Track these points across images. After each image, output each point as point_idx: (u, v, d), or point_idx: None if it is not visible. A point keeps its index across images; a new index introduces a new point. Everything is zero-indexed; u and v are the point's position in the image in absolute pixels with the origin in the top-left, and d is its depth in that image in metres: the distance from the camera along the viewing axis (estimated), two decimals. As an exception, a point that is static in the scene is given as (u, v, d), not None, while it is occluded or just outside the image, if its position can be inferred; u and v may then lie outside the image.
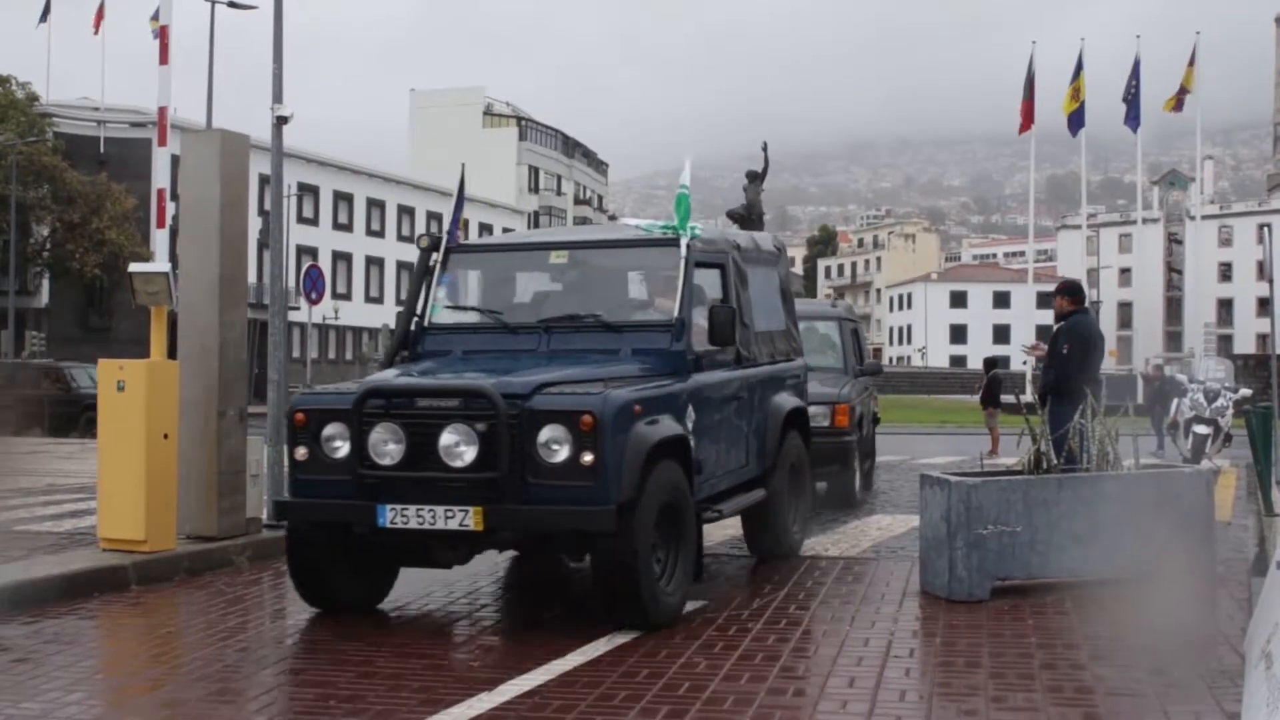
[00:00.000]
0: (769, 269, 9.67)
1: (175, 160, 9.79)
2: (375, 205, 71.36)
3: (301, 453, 6.94)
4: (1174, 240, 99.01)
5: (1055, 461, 8.49)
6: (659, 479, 6.74)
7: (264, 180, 41.13)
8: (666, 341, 7.53)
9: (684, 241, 7.84)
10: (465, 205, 8.77)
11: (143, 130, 50.75)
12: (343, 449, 6.82)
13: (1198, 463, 16.68)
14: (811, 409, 11.68)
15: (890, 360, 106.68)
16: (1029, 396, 18.70)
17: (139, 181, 47.43)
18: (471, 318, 8.28)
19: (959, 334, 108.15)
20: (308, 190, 62.87)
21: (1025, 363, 46.99)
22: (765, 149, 25.81)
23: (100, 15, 46.88)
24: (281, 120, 10.53)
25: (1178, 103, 41.44)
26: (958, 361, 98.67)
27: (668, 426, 6.95)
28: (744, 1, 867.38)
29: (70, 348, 47.96)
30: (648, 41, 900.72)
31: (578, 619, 7.28)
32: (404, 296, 9.03)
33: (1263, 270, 13.12)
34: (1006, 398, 23.52)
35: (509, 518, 6.56)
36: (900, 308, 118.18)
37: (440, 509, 6.56)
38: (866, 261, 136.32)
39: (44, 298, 52.05)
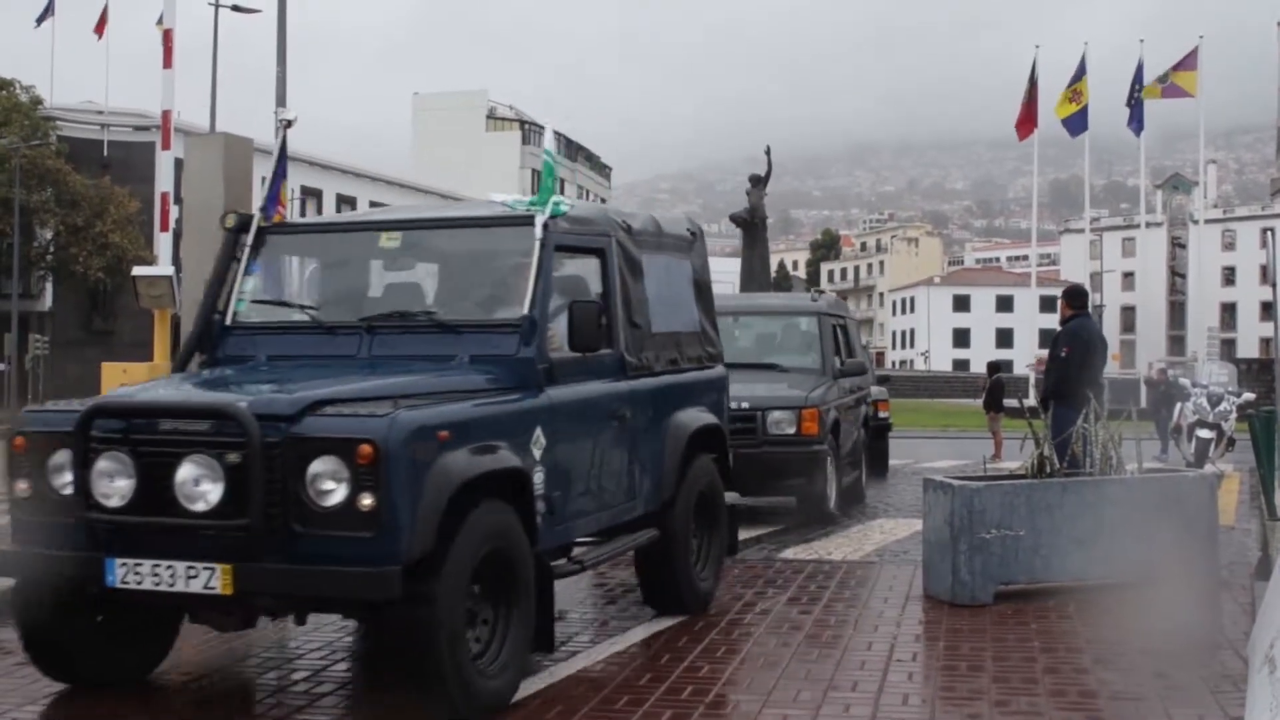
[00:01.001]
0: (677, 257, 7.96)
1: (179, 164, 9.83)
2: (378, 209, 71.35)
3: (22, 487, 5.41)
4: (1177, 244, 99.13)
5: (1058, 465, 8.49)
6: (477, 526, 5.21)
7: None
8: (513, 346, 5.95)
9: (539, 220, 6.22)
10: (289, 172, 7.22)
11: (146, 134, 50.79)
12: (71, 484, 5.27)
13: (1201, 467, 16.67)
14: (775, 414, 11.23)
15: (893, 364, 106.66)
16: (1032, 401, 18.69)
17: (143, 185, 47.44)
18: (284, 315, 6.62)
19: (962, 338, 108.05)
20: (311, 194, 62.91)
21: (1029, 366, 47.02)
22: (768, 153, 25.86)
23: (103, 21, 46.98)
24: (285, 123, 10.53)
25: (1162, 93, 41.31)
26: (960, 365, 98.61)
27: (497, 457, 5.45)
28: (744, 3, 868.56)
29: (74, 351, 48.04)
30: (649, 43, 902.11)
31: (581, 622, 7.28)
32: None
33: (1266, 274, 13.10)
34: (1010, 402, 23.51)
35: (267, 579, 4.99)
36: (903, 311, 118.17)
37: (181, 565, 5.02)
38: (869, 265, 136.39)
39: (47, 301, 52.08)
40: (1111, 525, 7.94)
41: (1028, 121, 42.57)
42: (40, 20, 49.54)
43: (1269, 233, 11.87)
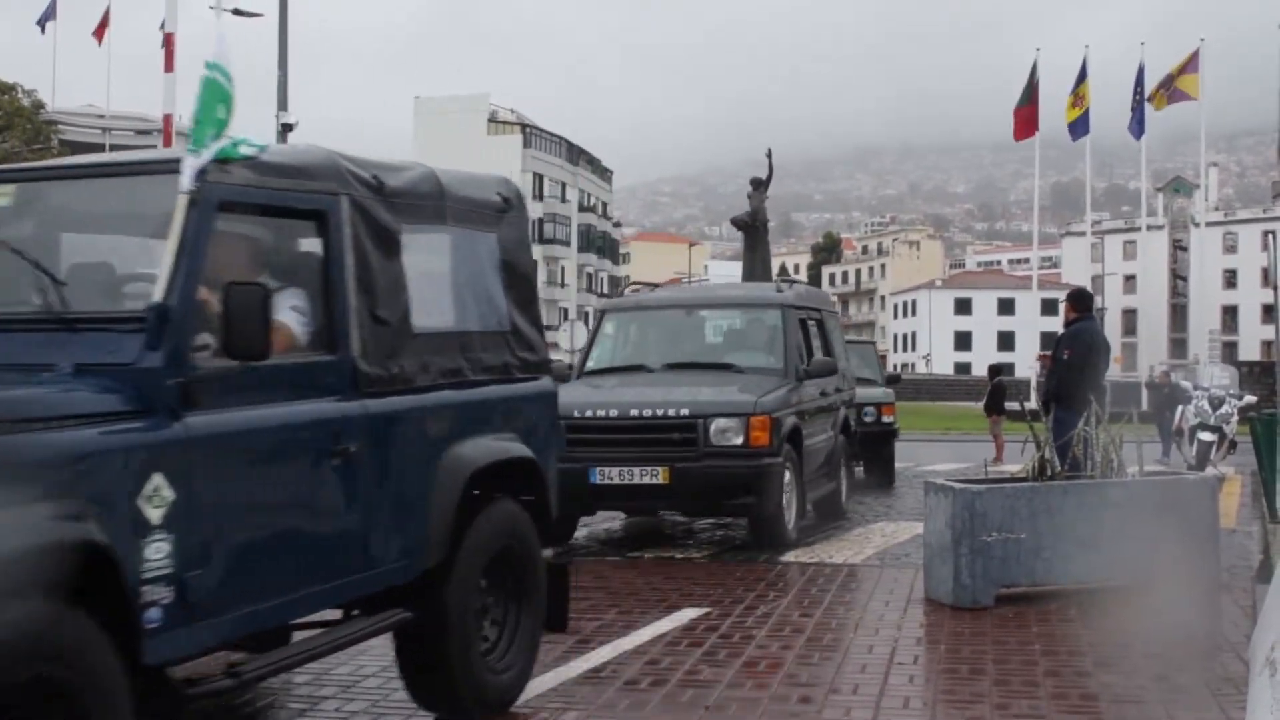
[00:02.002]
0: (472, 230, 5.73)
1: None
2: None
3: None
4: (1179, 247, 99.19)
5: (1059, 468, 8.49)
6: None
7: (269, 187, 40.89)
8: (133, 351, 4.02)
9: (189, 166, 4.19)
10: None
11: (148, 138, 50.93)
12: None
13: (1202, 469, 16.68)
14: (719, 422, 9.82)
15: (894, 366, 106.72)
16: (1033, 403, 18.67)
17: (144, 189, 47.53)
18: None
19: (963, 341, 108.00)
20: (312, 197, 62.93)
21: (1031, 368, 47.04)
22: (770, 156, 25.83)
23: (103, 27, 47.05)
24: (287, 128, 10.56)
25: (1168, 100, 41.37)
26: (962, 368, 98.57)
27: (40, 527, 3.45)
28: (747, 6, 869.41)
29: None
30: (650, 47, 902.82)
31: (582, 626, 7.27)
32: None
33: (1267, 277, 13.14)
34: (1011, 405, 23.51)
35: None
36: (904, 315, 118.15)
37: None
38: (871, 268, 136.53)
39: (50, 305, 52.19)
40: (1113, 528, 7.94)
41: (1028, 124, 42.59)
42: (43, 23, 49.66)
43: (1270, 235, 11.90)
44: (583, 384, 10.95)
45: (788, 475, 10.25)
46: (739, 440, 9.79)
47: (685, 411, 9.91)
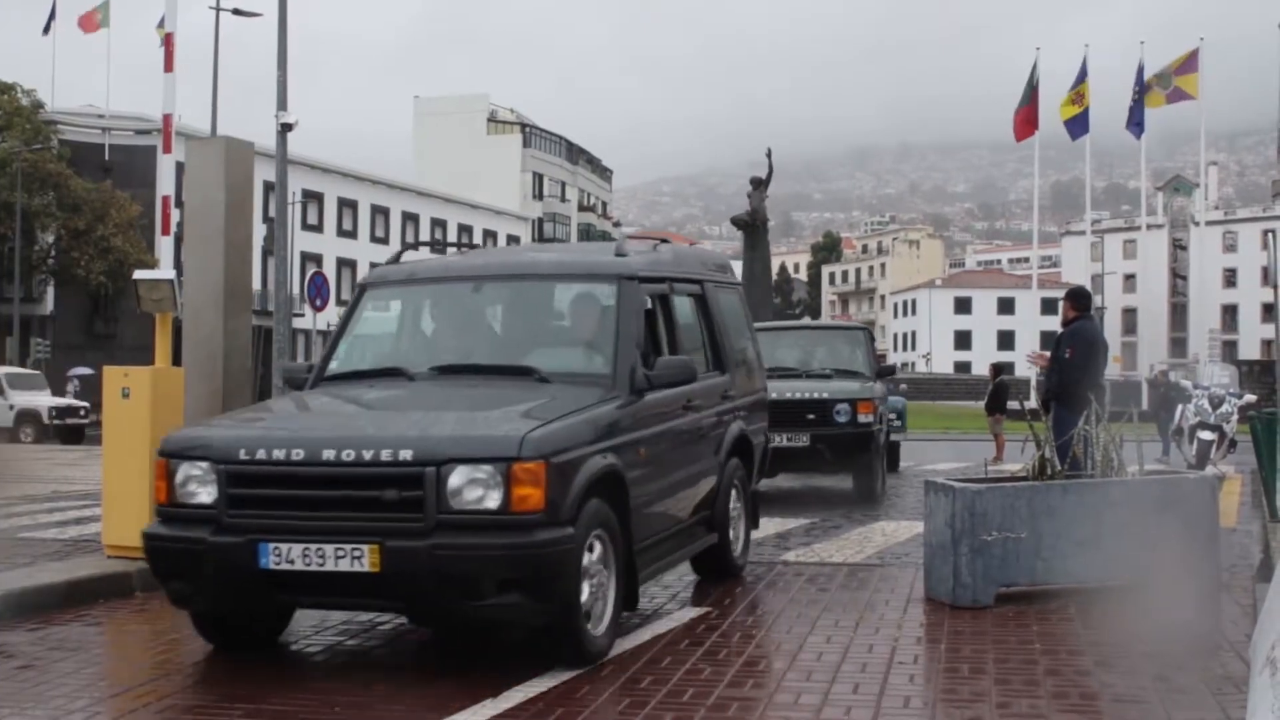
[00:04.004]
0: None
1: (180, 167, 9.87)
2: (380, 212, 71.48)
3: None
4: (1178, 246, 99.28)
5: (1059, 467, 8.49)
6: None
7: (268, 187, 40.88)
8: None
9: None
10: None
11: (147, 138, 50.92)
12: None
13: (1202, 468, 16.69)
14: (461, 472, 5.79)
15: (894, 366, 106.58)
16: (1033, 403, 18.65)
17: (144, 189, 47.62)
18: None
19: (963, 340, 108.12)
20: (312, 197, 62.97)
21: (1029, 366, 47.09)
22: (769, 155, 25.87)
23: (91, 19, 47.04)
24: (286, 127, 10.56)
25: (1167, 100, 41.43)
26: (962, 368, 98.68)
27: None
28: (747, 9, 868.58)
29: (75, 354, 48.08)
30: (651, 51, 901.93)
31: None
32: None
33: (1267, 276, 13.16)
34: (1012, 404, 23.54)
35: None
36: (905, 314, 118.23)
37: None
38: (871, 268, 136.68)
39: (49, 304, 52.18)
40: (1113, 527, 7.94)
41: (1028, 123, 42.64)
42: (47, 29, 49.83)
43: (1270, 234, 11.91)
44: (316, 396, 7.34)
45: (594, 552, 6.27)
46: (494, 502, 5.82)
47: (406, 454, 5.89)
